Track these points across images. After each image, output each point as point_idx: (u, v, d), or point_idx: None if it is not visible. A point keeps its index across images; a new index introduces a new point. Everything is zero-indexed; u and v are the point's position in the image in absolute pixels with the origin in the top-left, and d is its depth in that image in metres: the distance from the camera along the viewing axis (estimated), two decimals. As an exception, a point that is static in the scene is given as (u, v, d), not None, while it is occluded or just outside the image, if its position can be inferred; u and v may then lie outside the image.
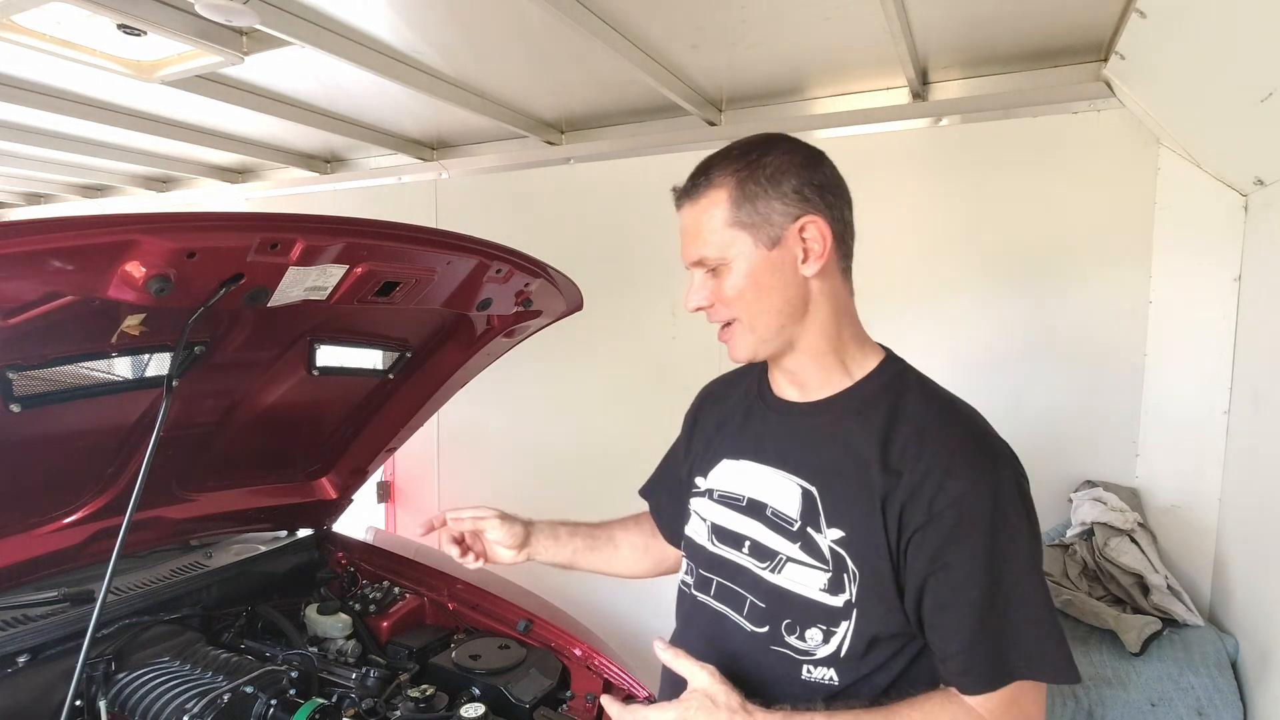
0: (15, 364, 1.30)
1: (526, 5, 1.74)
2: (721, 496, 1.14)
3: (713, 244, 1.02)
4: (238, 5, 1.67)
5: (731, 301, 1.03)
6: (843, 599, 0.98)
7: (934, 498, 0.93)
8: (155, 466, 1.30)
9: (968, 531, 0.93)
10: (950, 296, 2.44)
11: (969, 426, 1.00)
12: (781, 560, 1.04)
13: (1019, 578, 0.93)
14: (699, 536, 1.17)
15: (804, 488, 1.03)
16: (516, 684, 1.64)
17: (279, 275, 1.30)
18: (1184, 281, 2.12)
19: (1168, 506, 2.16)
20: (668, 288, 2.86)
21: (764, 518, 1.07)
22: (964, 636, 0.93)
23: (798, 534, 1.02)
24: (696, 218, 1.03)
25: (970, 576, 0.92)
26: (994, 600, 0.92)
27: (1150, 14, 1.60)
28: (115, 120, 2.75)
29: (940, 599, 0.94)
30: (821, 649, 1.00)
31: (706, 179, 1.03)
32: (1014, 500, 0.94)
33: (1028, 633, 0.93)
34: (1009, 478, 0.95)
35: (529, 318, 1.90)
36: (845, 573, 0.98)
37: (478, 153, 3.19)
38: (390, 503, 3.75)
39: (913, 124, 2.45)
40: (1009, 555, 0.93)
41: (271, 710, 1.48)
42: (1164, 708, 1.58)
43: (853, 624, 0.98)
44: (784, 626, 1.02)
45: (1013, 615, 0.93)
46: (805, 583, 1.01)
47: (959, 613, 0.93)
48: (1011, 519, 0.93)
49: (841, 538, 0.99)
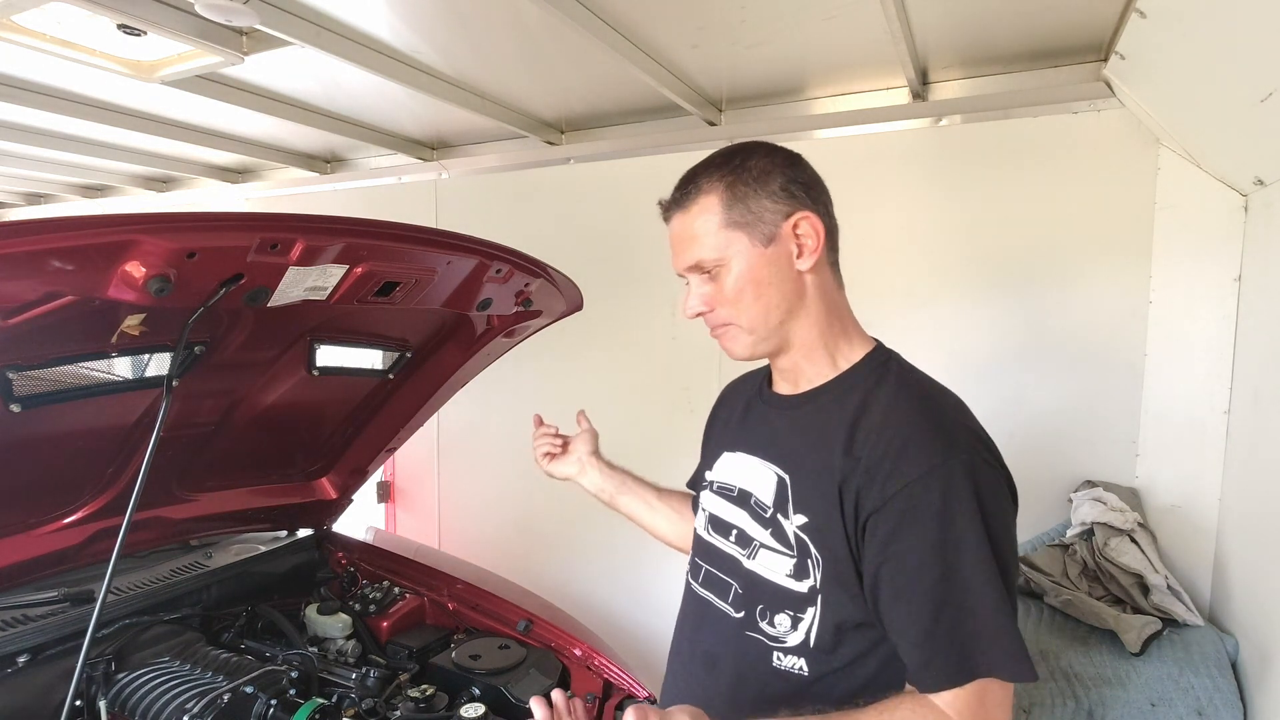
0: (15, 364, 1.31)
1: (526, 5, 1.74)
2: (719, 488, 1.19)
3: (709, 246, 1.04)
4: (238, 5, 1.67)
5: (731, 301, 1.05)
6: (807, 584, 1.00)
7: (886, 482, 0.93)
8: (155, 466, 1.31)
9: (919, 518, 0.91)
10: (950, 296, 2.44)
11: (932, 411, 0.99)
12: (756, 546, 1.07)
13: (973, 569, 0.90)
14: (699, 527, 1.23)
15: (779, 475, 1.07)
16: (516, 684, 1.64)
17: (279, 275, 1.30)
18: (1184, 281, 2.11)
19: (1168, 506, 2.16)
20: (668, 288, 2.86)
21: (748, 506, 1.10)
22: (920, 627, 0.91)
23: (769, 520, 1.06)
24: (689, 224, 1.05)
25: (922, 564, 0.91)
26: (949, 591, 0.90)
27: (1150, 14, 1.60)
28: (115, 120, 2.75)
29: (894, 587, 0.93)
30: (790, 636, 1.01)
31: (695, 186, 1.05)
32: (965, 487, 0.91)
33: (985, 628, 0.90)
34: (964, 462, 0.92)
35: (529, 318, 1.90)
36: (809, 558, 1.00)
37: (478, 153, 3.19)
38: (390, 503, 3.75)
39: (913, 124, 2.45)
40: (962, 545, 0.90)
41: (271, 710, 1.48)
42: (1164, 708, 1.58)
43: (818, 610, 0.99)
44: (758, 612, 1.05)
45: (970, 608, 0.90)
46: (774, 568, 1.04)
47: (913, 603, 0.92)
48: (963, 506, 0.91)
49: (805, 523, 1.01)
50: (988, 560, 0.90)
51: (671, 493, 1.52)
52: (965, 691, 0.90)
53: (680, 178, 1.09)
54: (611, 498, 1.50)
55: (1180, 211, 2.10)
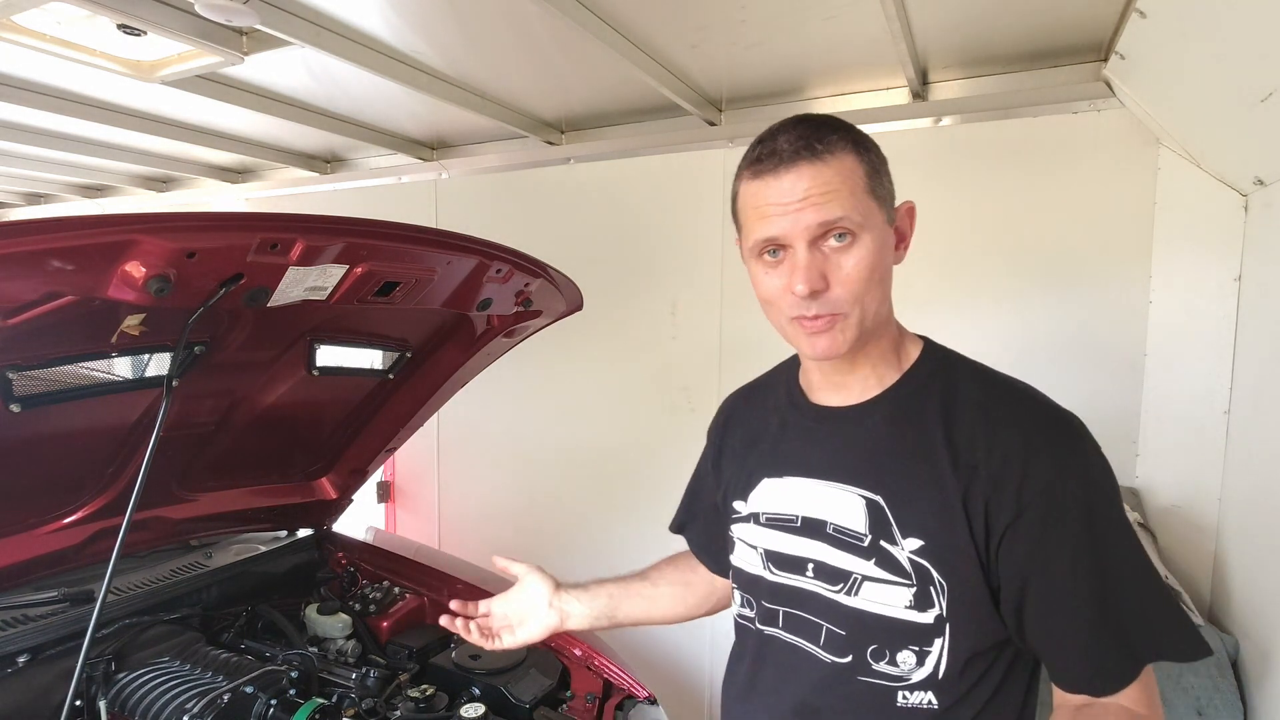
0: (15, 364, 1.31)
1: (526, 5, 1.74)
2: (770, 519, 1.05)
3: (854, 208, 0.88)
4: (238, 5, 1.67)
5: (858, 280, 0.89)
6: (933, 614, 0.90)
7: (1020, 488, 0.86)
8: (155, 466, 1.30)
9: (1063, 519, 0.85)
10: (950, 296, 2.44)
11: (1037, 404, 0.93)
12: (856, 580, 0.94)
13: (1125, 557, 0.86)
14: (752, 566, 1.07)
15: (867, 498, 0.94)
16: (516, 684, 1.64)
17: (279, 275, 1.30)
18: (1184, 281, 2.11)
19: (1168, 506, 2.16)
20: (668, 287, 2.86)
21: (826, 536, 0.97)
22: (1083, 637, 0.86)
23: (870, 549, 0.93)
24: (829, 178, 0.88)
25: (1075, 569, 0.85)
26: (1106, 590, 0.84)
27: (1150, 14, 1.60)
28: (115, 120, 2.75)
29: (1048, 601, 0.86)
30: (917, 672, 0.91)
31: (828, 141, 0.89)
32: (1104, 475, 0.88)
33: (1150, 615, 0.85)
34: (1093, 450, 0.88)
35: (529, 318, 1.90)
36: (931, 585, 0.90)
37: (478, 153, 3.19)
38: (390, 503, 3.75)
39: (913, 124, 2.45)
40: (1111, 538, 0.86)
41: (271, 710, 1.48)
42: (1164, 708, 1.58)
43: (947, 640, 0.90)
44: (870, 653, 0.93)
45: (1129, 601, 0.85)
46: (888, 601, 0.92)
47: (1072, 613, 0.85)
48: (1107, 496, 0.87)
49: (920, 547, 0.90)
50: (1135, 544, 0.87)
51: (660, 568, 1.34)
52: (1139, 682, 0.86)
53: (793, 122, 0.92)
54: (611, 617, 1.28)
55: (1180, 211, 2.10)
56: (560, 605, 1.26)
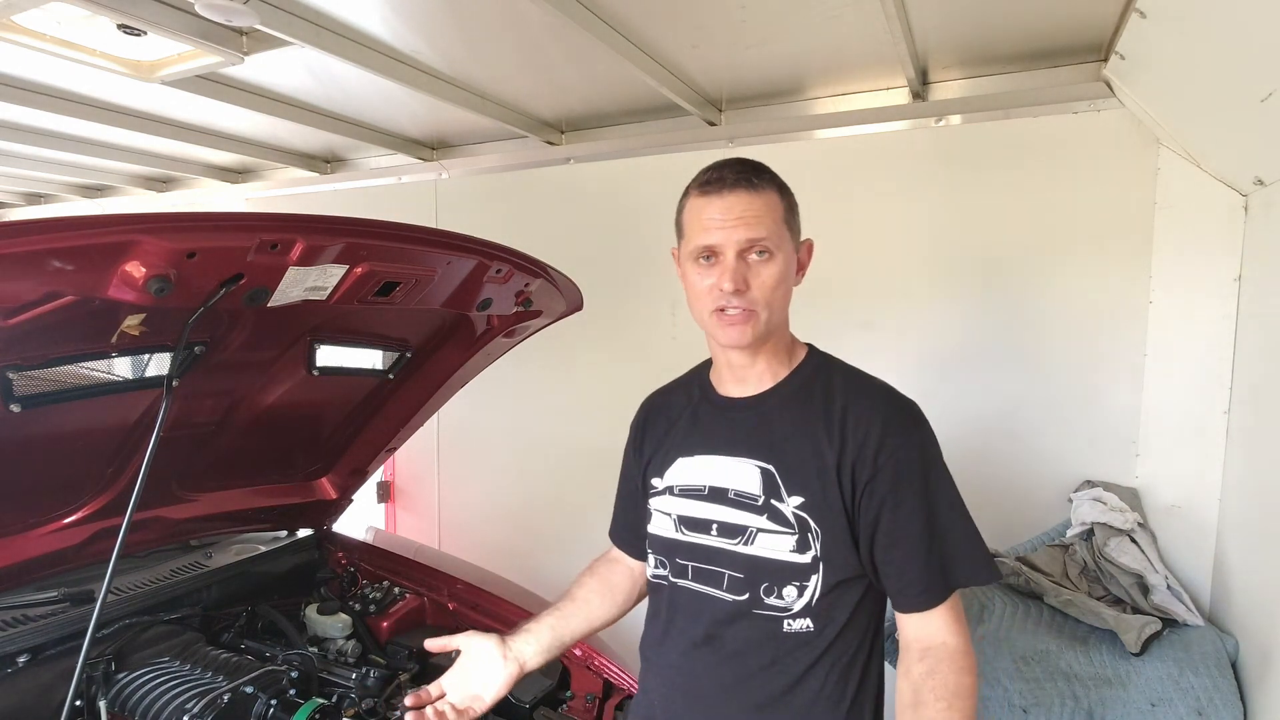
0: (15, 364, 1.30)
1: (526, 5, 1.74)
2: (683, 490, 1.27)
3: (773, 233, 1.15)
4: (238, 5, 1.67)
5: (768, 288, 1.15)
6: (810, 555, 1.14)
7: (877, 454, 1.13)
8: (155, 466, 1.30)
9: (907, 477, 1.13)
10: (950, 296, 2.44)
11: (889, 394, 1.21)
12: (751, 533, 1.18)
13: (950, 504, 1.15)
14: (666, 531, 1.27)
15: (762, 467, 1.19)
16: (517, 684, 1.63)
17: (279, 275, 1.30)
18: (1184, 281, 2.11)
19: (1168, 506, 2.16)
20: (667, 287, 2.86)
21: (727, 500, 1.21)
22: (918, 563, 1.12)
23: (763, 507, 1.18)
24: (758, 206, 1.14)
25: (914, 512, 1.12)
26: (934, 528, 1.13)
27: (1150, 14, 1.60)
28: (115, 120, 2.75)
29: (892, 535, 1.13)
30: (798, 603, 1.15)
31: (762, 177, 1.16)
32: (933, 444, 1.18)
33: (965, 547, 1.14)
34: (927, 427, 1.18)
35: (529, 318, 1.90)
36: (809, 532, 1.15)
37: (478, 153, 3.19)
38: (390, 503, 3.75)
39: (913, 124, 2.44)
40: (940, 491, 1.15)
41: (271, 710, 1.48)
42: (1164, 708, 1.58)
43: (820, 575, 1.14)
44: (762, 589, 1.16)
45: (951, 536, 1.13)
46: (776, 547, 1.16)
47: (910, 545, 1.12)
48: (936, 460, 1.16)
49: (803, 503, 1.15)
50: (956, 497, 1.16)
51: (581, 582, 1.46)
52: (945, 605, 1.12)
53: (735, 161, 1.18)
54: (562, 643, 1.37)
55: (1180, 211, 2.10)
56: (514, 654, 1.32)
